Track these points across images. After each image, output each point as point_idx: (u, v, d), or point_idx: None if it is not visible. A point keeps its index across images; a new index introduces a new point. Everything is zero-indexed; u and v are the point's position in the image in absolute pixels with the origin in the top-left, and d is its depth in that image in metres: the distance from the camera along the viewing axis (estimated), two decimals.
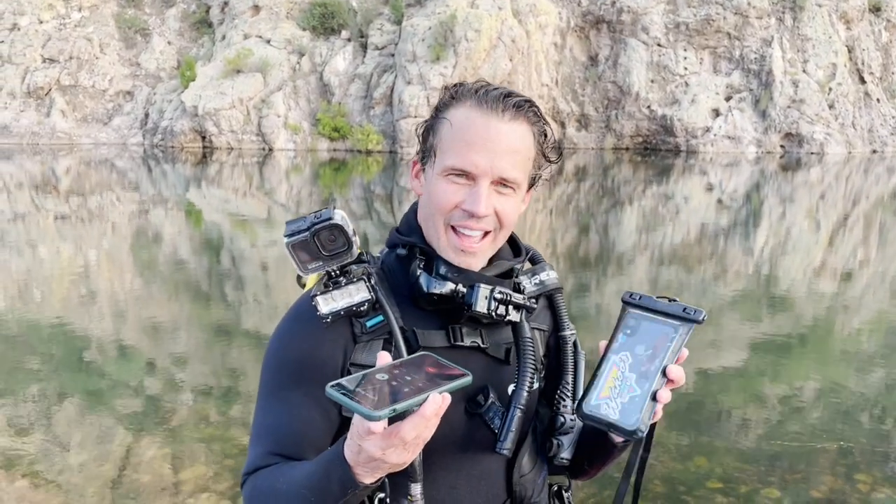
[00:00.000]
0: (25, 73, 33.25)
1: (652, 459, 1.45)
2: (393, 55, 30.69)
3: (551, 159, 1.30)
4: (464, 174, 1.20)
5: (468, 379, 0.96)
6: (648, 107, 31.31)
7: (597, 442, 1.32)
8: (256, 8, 33.63)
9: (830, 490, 3.88)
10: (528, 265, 1.40)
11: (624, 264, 10.18)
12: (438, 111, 1.25)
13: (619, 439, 1.26)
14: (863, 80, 32.43)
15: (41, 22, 34.49)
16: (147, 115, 33.48)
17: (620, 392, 1.11)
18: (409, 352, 1.17)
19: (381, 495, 1.18)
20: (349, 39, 32.19)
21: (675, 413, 4.94)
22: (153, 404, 5.12)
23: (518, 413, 1.23)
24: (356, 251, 1.14)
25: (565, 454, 1.33)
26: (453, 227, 1.23)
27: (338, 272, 1.16)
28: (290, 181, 21.62)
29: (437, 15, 29.31)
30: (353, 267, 1.17)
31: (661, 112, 31.03)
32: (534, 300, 1.32)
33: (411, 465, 1.13)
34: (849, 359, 6.36)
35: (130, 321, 7.20)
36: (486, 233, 1.24)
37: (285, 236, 1.12)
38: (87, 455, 4.30)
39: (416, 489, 1.17)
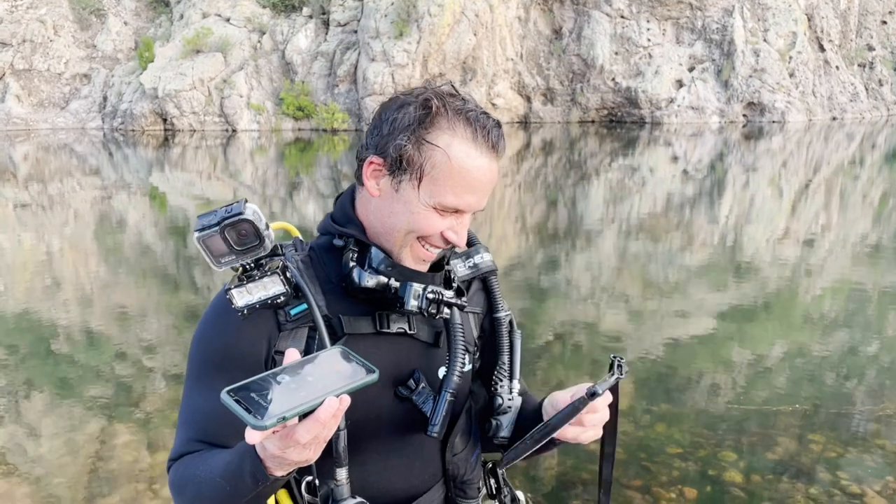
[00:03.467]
0: None
1: None
2: (356, 32, 30.35)
3: None
4: (456, 210, 1.22)
5: (374, 377, 0.96)
6: (613, 79, 31.41)
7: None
8: None
9: (785, 451, 3.99)
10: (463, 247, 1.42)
11: (592, 237, 10.26)
12: (424, 129, 1.19)
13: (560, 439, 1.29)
14: (822, 48, 32.85)
15: None
16: (105, 99, 32.78)
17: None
18: (333, 339, 1.19)
19: (309, 478, 1.21)
20: (310, 16, 31.72)
21: (639, 382, 5.03)
22: (124, 391, 5.07)
23: (448, 397, 1.25)
24: (269, 245, 1.13)
25: (504, 433, 1.36)
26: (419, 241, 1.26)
27: (252, 265, 1.15)
28: (255, 162, 21.37)
29: None
30: (268, 260, 1.17)
31: (626, 84, 31.16)
32: (464, 287, 1.35)
33: (336, 450, 1.17)
34: (812, 323, 6.51)
35: (98, 308, 7.11)
36: None
37: (195, 231, 1.10)
38: (58, 444, 4.26)
39: (342, 473, 1.19)
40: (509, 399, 1.36)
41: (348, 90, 30.00)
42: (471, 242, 1.41)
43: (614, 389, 1.19)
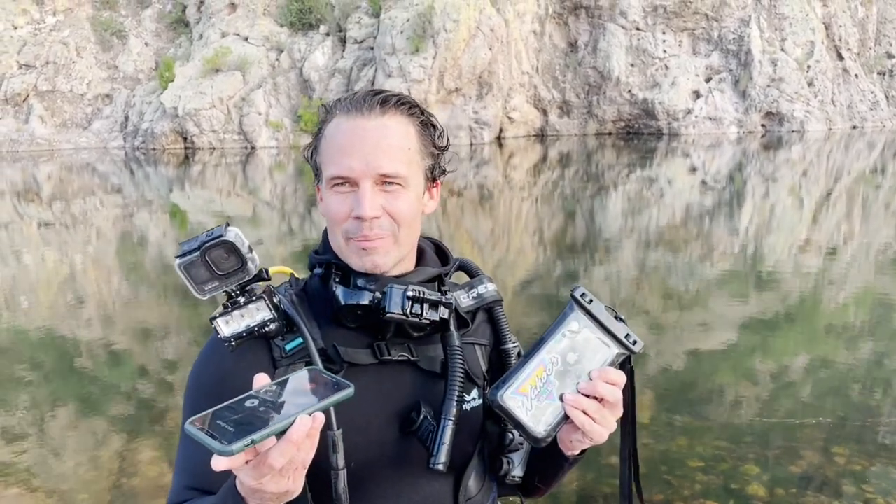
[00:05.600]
0: (2, 80, 32.84)
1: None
2: (372, 48, 30.56)
3: (440, 147, 1.26)
4: (345, 181, 1.17)
5: (349, 392, 0.92)
6: (629, 91, 31.36)
7: (548, 458, 1.25)
8: (233, 6, 33.38)
9: (809, 464, 3.95)
10: (465, 279, 1.35)
11: (611, 249, 10.23)
12: (319, 131, 1.24)
13: (570, 453, 1.18)
14: (840, 57, 32.62)
15: (15, 28, 34.10)
16: (127, 118, 33.19)
17: (539, 395, 1.06)
18: (332, 371, 1.12)
19: None
20: (328, 34, 32.02)
21: (661, 394, 4.99)
22: (146, 408, 5.12)
23: (450, 425, 1.15)
24: (252, 268, 1.09)
25: (517, 472, 1.28)
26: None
27: (237, 291, 1.10)
28: (273, 179, 21.55)
29: (415, 6, 29.19)
30: (254, 286, 1.12)
31: (642, 96, 31.10)
32: (469, 318, 1.29)
33: (336, 492, 1.10)
34: (835, 334, 6.43)
35: (120, 326, 7.18)
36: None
37: (176, 257, 1.07)
38: (81, 461, 4.30)
39: None
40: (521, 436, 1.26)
41: None
42: (473, 273, 1.35)
43: (630, 380, 1.11)
